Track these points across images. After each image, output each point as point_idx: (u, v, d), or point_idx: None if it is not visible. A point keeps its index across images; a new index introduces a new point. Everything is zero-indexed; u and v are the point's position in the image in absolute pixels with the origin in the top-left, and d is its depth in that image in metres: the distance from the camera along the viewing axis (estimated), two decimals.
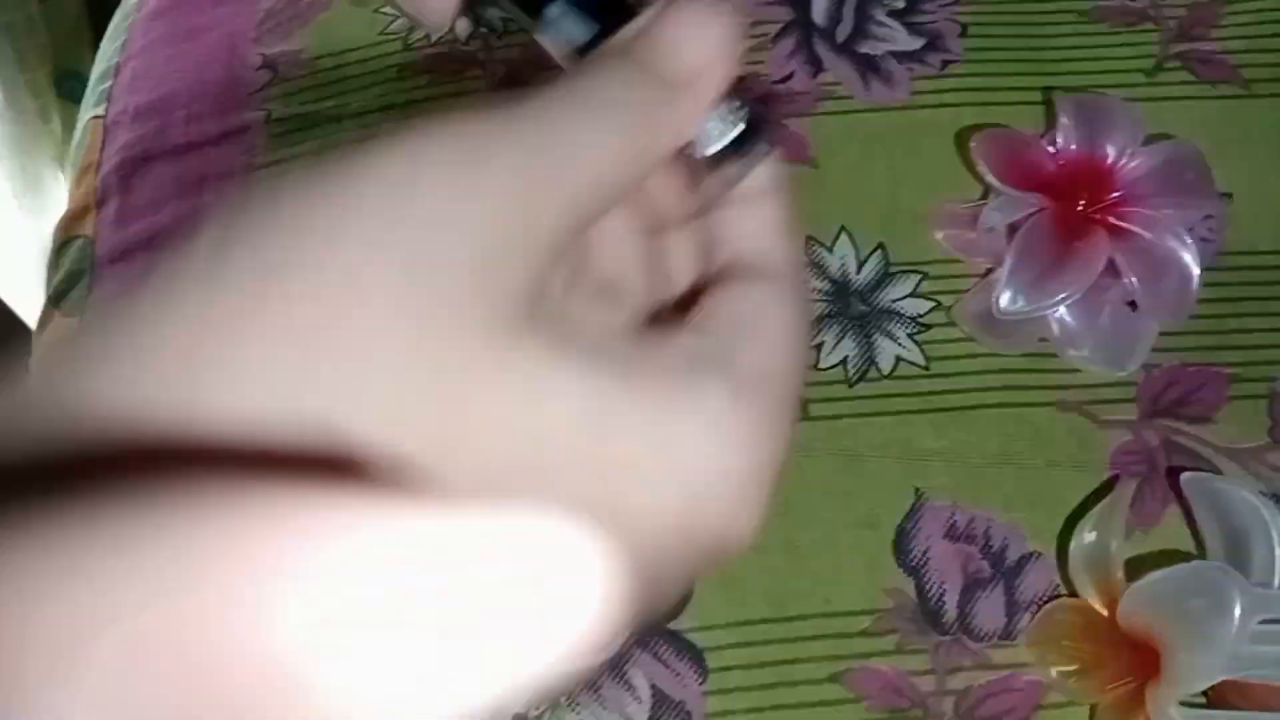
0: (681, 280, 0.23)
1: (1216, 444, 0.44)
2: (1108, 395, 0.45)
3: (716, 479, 0.18)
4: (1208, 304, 0.46)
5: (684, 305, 0.22)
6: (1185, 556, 0.41)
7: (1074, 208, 0.44)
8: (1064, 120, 0.45)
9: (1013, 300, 0.42)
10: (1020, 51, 0.51)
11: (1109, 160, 0.44)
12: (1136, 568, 0.40)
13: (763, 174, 0.23)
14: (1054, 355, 0.45)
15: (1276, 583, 0.38)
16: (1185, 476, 0.41)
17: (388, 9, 0.51)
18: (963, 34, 0.51)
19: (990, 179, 0.44)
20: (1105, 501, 0.40)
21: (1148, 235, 0.43)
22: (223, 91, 0.50)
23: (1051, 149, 0.45)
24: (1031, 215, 0.44)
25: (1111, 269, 0.43)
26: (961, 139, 0.48)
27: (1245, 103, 0.50)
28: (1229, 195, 0.48)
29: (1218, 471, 0.43)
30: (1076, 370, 0.45)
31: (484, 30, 0.51)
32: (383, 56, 0.50)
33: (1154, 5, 0.52)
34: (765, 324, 0.20)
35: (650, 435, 0.17)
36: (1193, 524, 0.41)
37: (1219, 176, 0.48)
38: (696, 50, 0.20)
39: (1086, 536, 0.40)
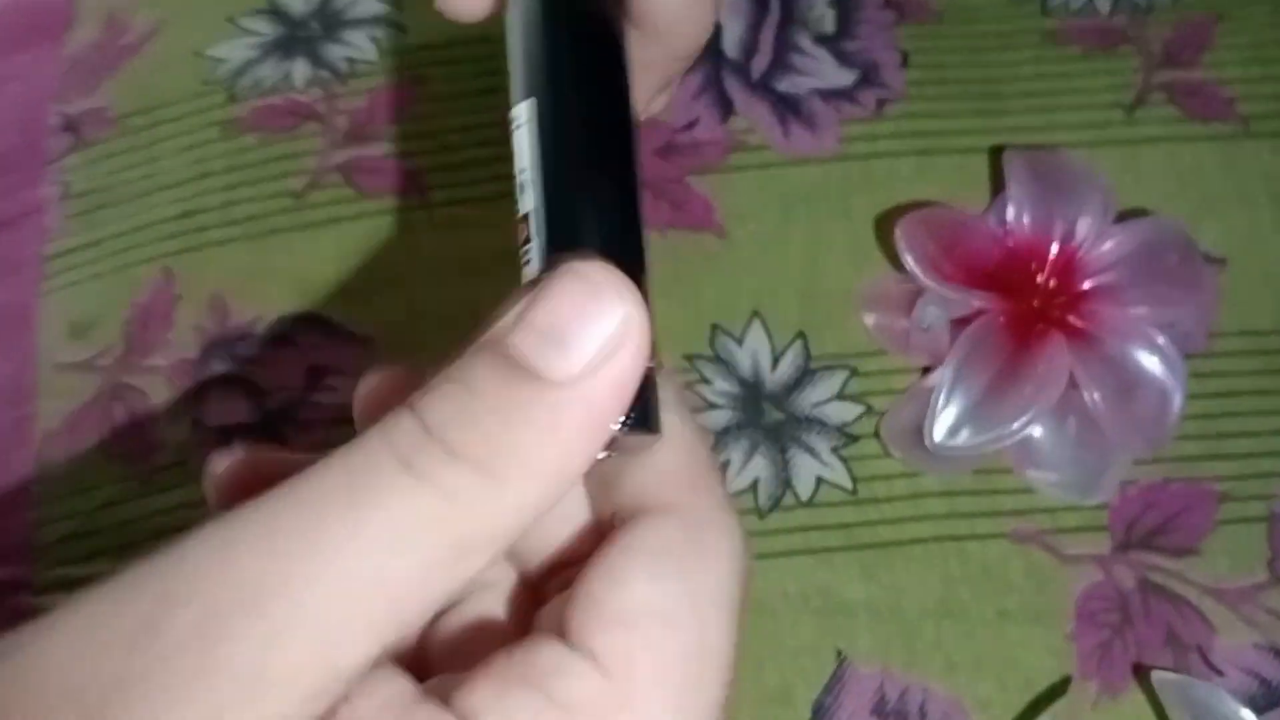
0: None
1: (1203, 583, 0.36)
2: (1072, 522, 0.37)
3: None
4: (1193, 400, 0.38)
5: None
6: None
7: (1027, 306, 0.36)
8: (1015, 189, 0.37)
9: (951, 433, 0.34)
10: (973, 85, 0.42)
11: (1071, 243, 0.36)
12: None
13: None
14: (1008, 471, 0.37)
15: None
16: (1156, 677, 0.33)
17: (210, 52, 0.43)
18: (904, 64, 0.43)
19: (921, 277, 0.35)
20: (1062, 704, 0.33)
21: (1115, 343, 0.35)
22: (16, 161, 0.42)
23: (999, 227, 0.37)
24: (975, 316, 0.35)
25: (1071, 381, 0.35)
26: (882, 223, 0.40)
27: (1243, 145, 0.42)
28: (1222, 261, 0.40)
29: (1204, 619, 0.35)
30: (1034, 491, 0.37)
31: (325, 75, 0.42)
32: (202, 112, 0.42)
33: (1133, 22, 0.43)
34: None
35: None
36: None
37: (1211, 238, 0.40)
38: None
39: None
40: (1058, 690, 0.34)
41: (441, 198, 0.40)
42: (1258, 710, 0.35)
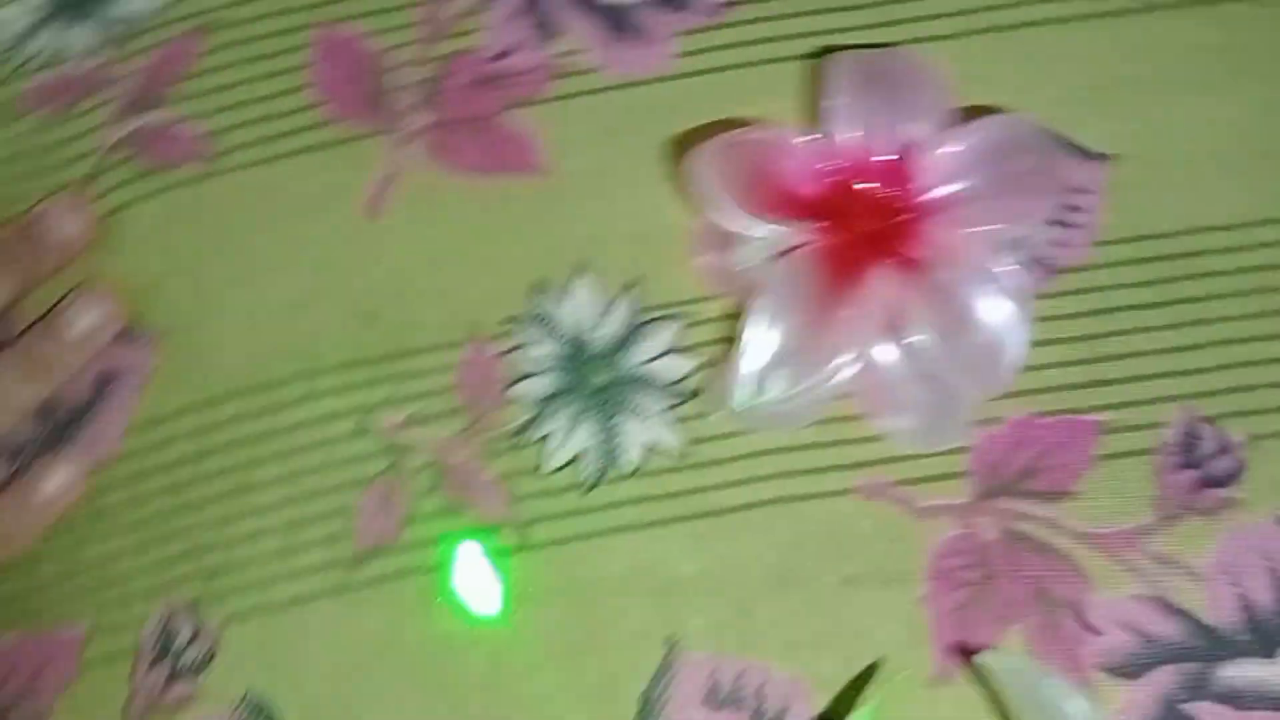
0: None
1: (1078, 529, 0.32)
2: (928, 469, 0.33)
3: None
4: (1069, 320, 0.34)
5: None
6: None
7: (850, 234, 0.31)
8: (834, 99, 0.32)
9: (754, 389, 0.30)
10: None
11: (902, 158, 0.31)
12: None
13: None
14: (856, 419, 0.33)
15: None
16: (979, 660, 0.29)
17: None
18: None
19: (717, 212, 0.31)
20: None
21: (946, 272, 0.30)
22: None
23: (822, 145, 0.32)
24: (794, 250, 0.31)
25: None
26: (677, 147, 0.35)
27: (1141, 20, 0.36)
28: (1112, 158, 0.35)
29: (1078, 571, 0.32)
30: (885, 439, 0.33)
31: (106, 36, 0.39)
32: None
33: None
34: None
35: None
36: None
37: (1103, 128, 0.35)
38: None
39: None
40: (899, 664, 0.31)
41: (231, 162, 0.37)
42: (1138, 669, 0.31)
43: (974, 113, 0.33)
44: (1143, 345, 0.34)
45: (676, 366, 0.34)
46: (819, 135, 0.32)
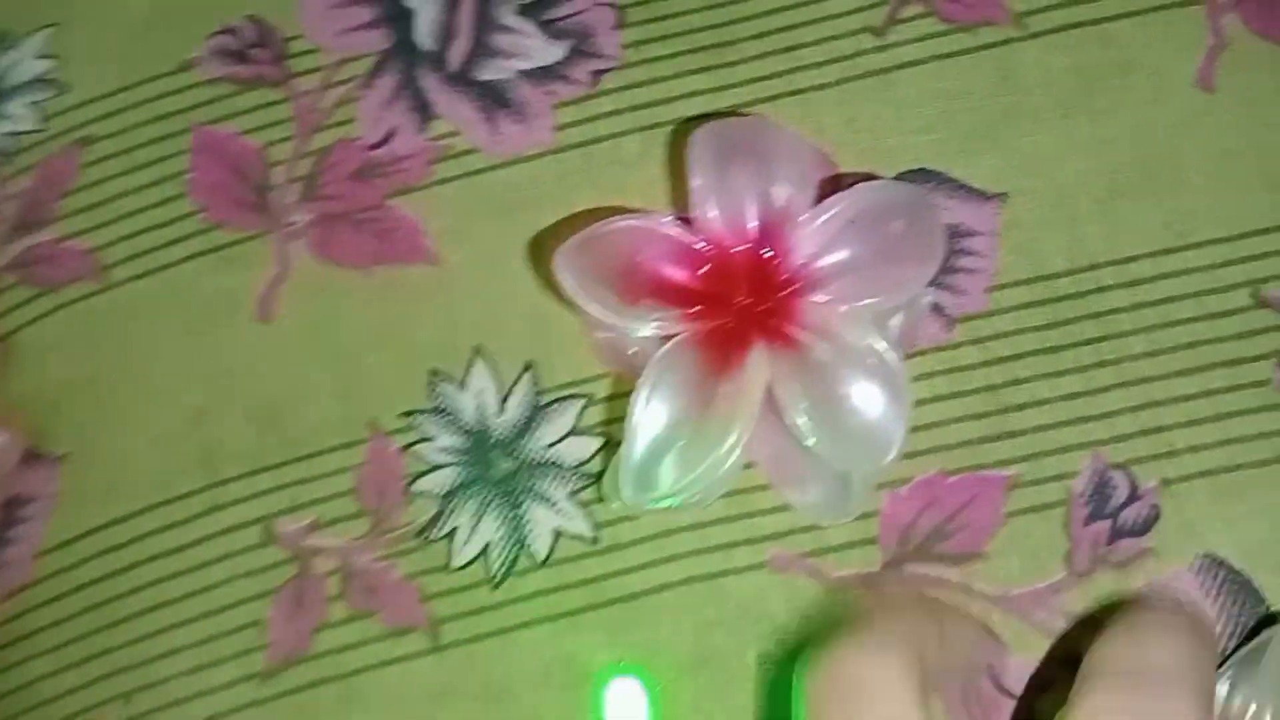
0: None
1: (990, 592, 0.32)
2: (838, 538, 0.33)
3: None
4: (972, 371, 0.33)
5: None
6: None
7: (731, 315, 0.31)
8: (698, 177, 0.31)
9: (645, 481, 0.30)
10: (701, 34, 0.37)
11: (770, 234, 0.31)
12: None
13: None
14: (763, 489, 0.33)
15: None
16: None
17: None
18: (619, 24, 0.37)
19: (587, 308, 0.31)
20: None
21: (819, 348, 0.29)
22: None
23: (688, 230, 0.31)
24: (674, 334, 0.31)
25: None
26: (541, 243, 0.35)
27: (1017, 50, 0.35)
28: (1003, 196, 0.34)
29: (993, 637, 0.31)
30: (793, 509, 0.33)
31: None
32: None
33: None
34: None
35: None
36: None
37: (986, 171, 0.34)
38: None
39: None
40: None
41: (121, 275, 0.37)
42: None
43: (851, 176, 0.33)
44: (1046, 392, 0.33)
45: (581, 448, 0.34)
46: (687, 215, 0.31)
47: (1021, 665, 0.31)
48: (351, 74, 0.37)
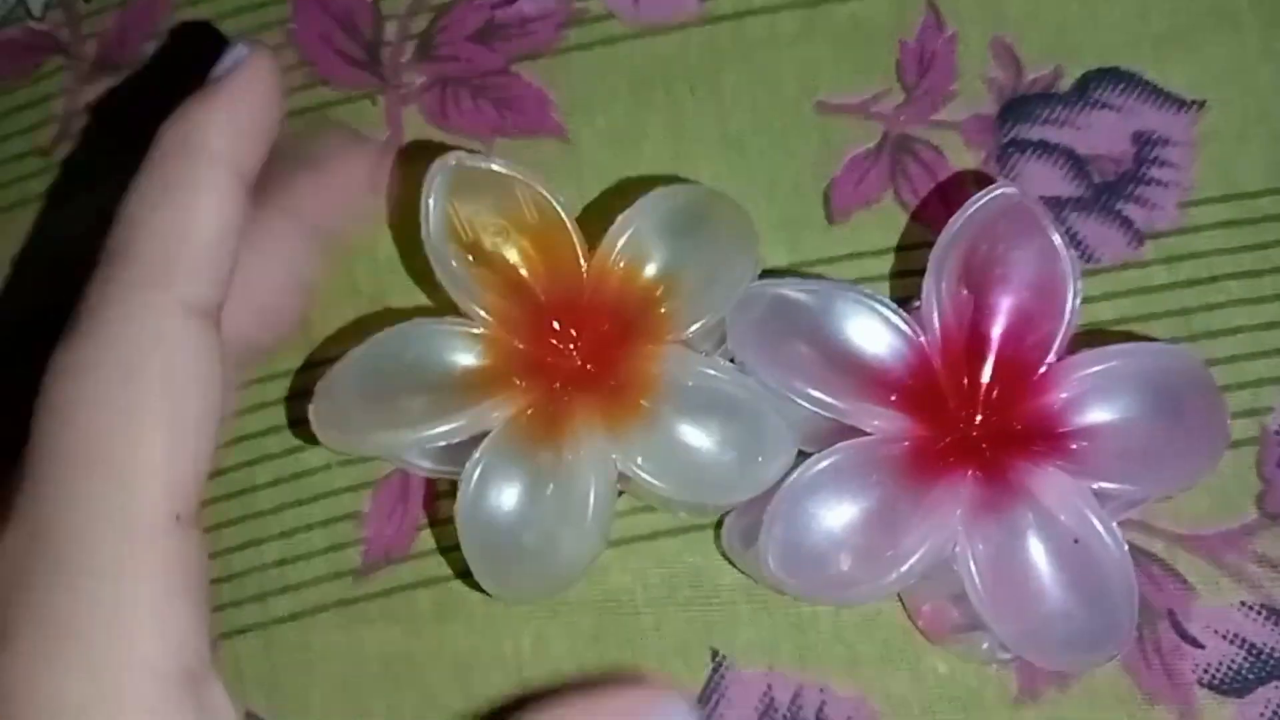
0: None
1: (1173, 530, 0.29)
2: None
3: None
4: (1161, 294, 0.30)
5: None
6: None
7: (939, 437, 0.26)
8: (932, 280, 0.26)
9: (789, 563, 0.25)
10: None
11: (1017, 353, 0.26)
12: None
13: None
14: None
15: None
16: None
17: None
18: None
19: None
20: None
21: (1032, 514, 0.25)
22: None
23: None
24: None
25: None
26: (761, 102, 0.31)
27: None
28: (1200, 104, 0.31)
29: (1177, 576, 0.28)
30: None
31: None
32: None
33: None
34: None
35: None
36: None
37: (1183, 77, 0.31)
38: None
39: None
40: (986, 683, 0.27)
41: None
42: (1244, 686, 0.28)
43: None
44: (1242, 320, 0.30)
45: None
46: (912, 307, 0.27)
47: (1207, 612, 0.28)
48: None
